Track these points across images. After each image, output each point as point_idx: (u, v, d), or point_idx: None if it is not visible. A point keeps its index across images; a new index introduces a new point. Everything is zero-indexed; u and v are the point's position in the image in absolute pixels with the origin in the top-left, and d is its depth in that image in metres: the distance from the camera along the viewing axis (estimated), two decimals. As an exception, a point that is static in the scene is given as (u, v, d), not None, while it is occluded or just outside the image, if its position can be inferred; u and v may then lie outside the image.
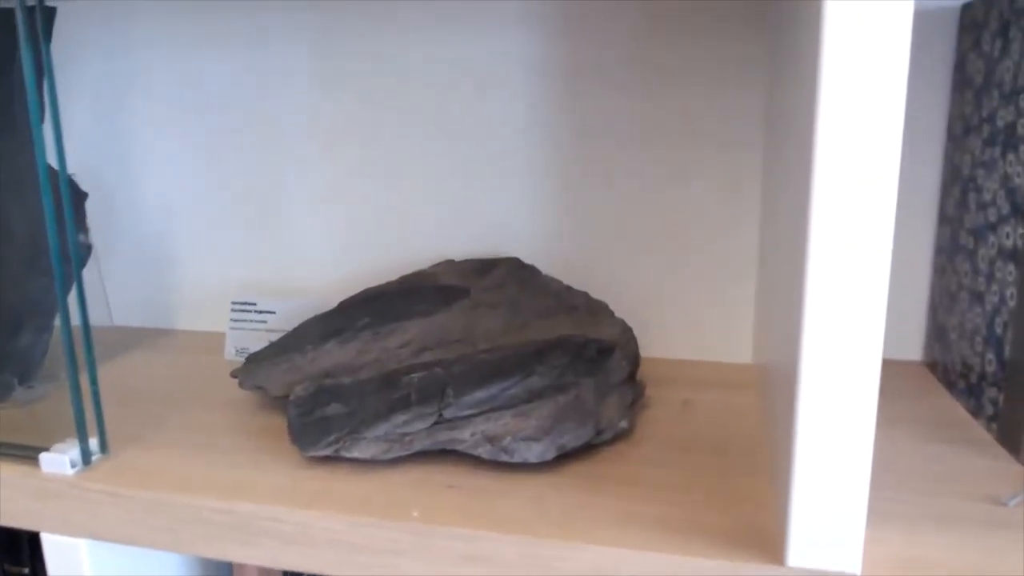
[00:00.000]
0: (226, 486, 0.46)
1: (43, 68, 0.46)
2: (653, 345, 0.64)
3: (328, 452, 0.46)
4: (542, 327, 0.53)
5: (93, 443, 0.49)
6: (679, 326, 0.63)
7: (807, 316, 0.33)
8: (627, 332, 0.53)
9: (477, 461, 0.47)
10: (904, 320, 0.61)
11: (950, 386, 0.55)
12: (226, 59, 0.67)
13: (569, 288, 0.58)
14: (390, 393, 0.48)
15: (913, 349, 0.61)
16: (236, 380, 0.61)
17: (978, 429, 0.50)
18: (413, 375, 0.49)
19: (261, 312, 0.65)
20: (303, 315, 0.65)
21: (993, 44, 0.49)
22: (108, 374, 0.65)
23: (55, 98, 0.46)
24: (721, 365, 0.62)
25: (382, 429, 0.46)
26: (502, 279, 0.59)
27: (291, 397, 0.50)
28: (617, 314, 0.63)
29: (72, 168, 0.72)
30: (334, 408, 0.48)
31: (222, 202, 0.71)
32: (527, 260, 0.65)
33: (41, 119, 0.45)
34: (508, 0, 0.60)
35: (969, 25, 0.53)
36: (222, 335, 0.73)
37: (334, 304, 0.61)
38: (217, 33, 0.67)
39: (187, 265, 0.74)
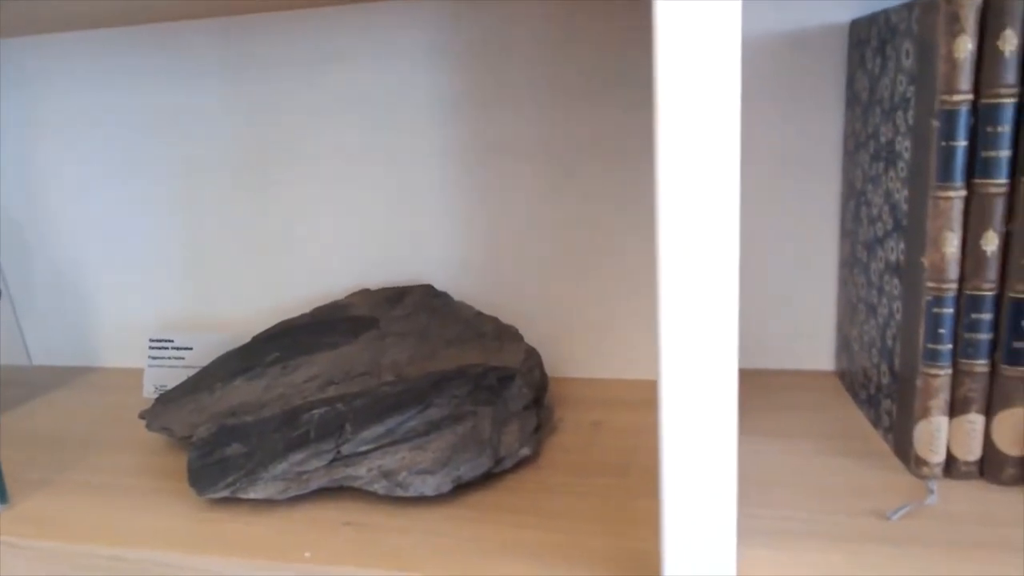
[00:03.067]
0: (125, 532, 0.45)
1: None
2: (566, 365, 0.64)
3: (225, 493, 0.45)
4: (448, 356, 0.53)
5: (-9, 494, 0.49)
6: (589, 345, 0.64)
7: (663, 328, 0.33)
8: (531, 357, 0.54)
9: (376, 497, 0.47)
10: (815, 331, 0.62)
11: (855, 396, 0.56)
12: (138, 93, 0.67)
13: (479, 314, 0.59)
14: (290, 431, 0.48)
15: (824, 360, 0.62)
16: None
17: (878, 440, 0.51)
18: (314, 411, 0.49)
19: (179, 348, 0.65)
20: (221, 350, 0.64)
21: (874, 61, 0.50)
22: (22, 416, 0.64)
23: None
24: (637, 383, 0.63)
25: (280, 468, 0.46)
26: (413, 307, 0.59)
27: (193, 438, 0.49)
28: (530, 336, 0.64)
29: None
30: (234, 448, 0.48)
31: (139, 237, 0.70)
32: (443, 285, 0.65)
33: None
34: (416, 31, 0.61)
35: (856, 42, 0.54)
36: (143, 372, 0.72)
37: (250, 338, 0.61)
38: (128, 66, 0.67)
39: (106, 302, 0.73)
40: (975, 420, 0.44)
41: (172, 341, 0.65)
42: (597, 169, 0.60)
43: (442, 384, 0.49)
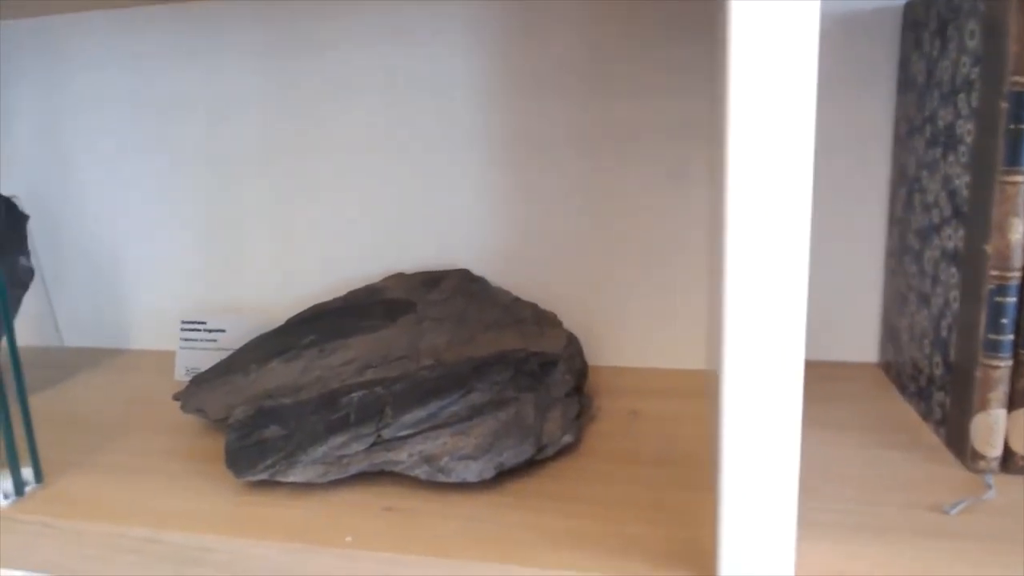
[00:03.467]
0: (160, 514, 0.45)
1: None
2: (605, 354, 0.63)
3: (264, 476, 0.45)
4: (487, 341, 0.52)
5: (27, 473, 0.48)
6: (631, 333, 0.62)
7: (727, 319, 0.32)
8: (572, 344, 0.53)
9: (417, 482, 0.46)
10: (858, 322, 0.60)
11: (902, 389, 0.55)
12: (170, 78, 0.66)
13: (517, 300, 0.58)
14: (329, 414, 0.47)
15: (868, 351, 0.61)
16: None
17: (928, 433, 0.49)
18: (353, 394, 0.48)
19: (211, 331, 0.65)
20: (253, 333, 0.64)
21: (932, 44, 0.48)
22: (54, 397, 0.64)
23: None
24: (674, 372, 0.62)
25: (319, 451, 0.45)
26: (450, 292, 0.58)
27: (230, 420, 0.49)
28: (568, 324, 0.63)
29: (16, 190, 0.71)
30: (272, 431, 0.47)
31: (171, 220, 0.70)
32: (478, 271, 0.64)
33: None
34: (451, 12, 0.59)
35: (911, 24, 0.52)
36: (175, 354, 0.72)
37: (284, 321, 0.61)
38: (160, 51, 0.66)
39: (138, 284, 0.72)
40: (1036, 413, 0.43)
41: (204, 323, 0.65)
42: (637, 155, 0.59)
43: (483, 369, 0.48)
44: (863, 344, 0.61)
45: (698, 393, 0.57)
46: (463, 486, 0.45)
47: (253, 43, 0.64)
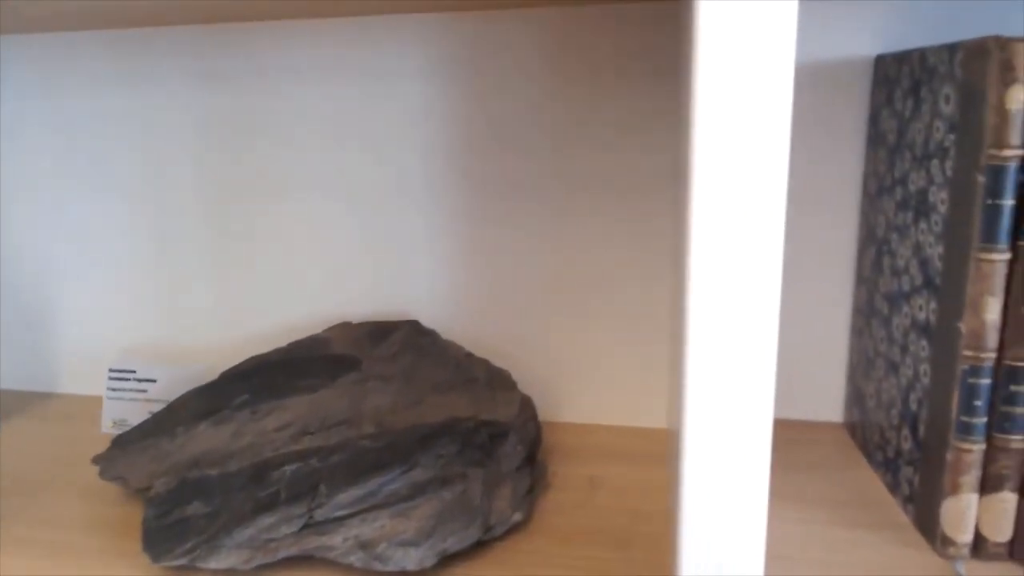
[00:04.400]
0: (68, 603, 0.40)
1: None
2: (563, 410, 0.60)
3: (183, 562, 0.41)
4: (435, 405, 0.49)
5: (-81, 552, 0.44)
6: (590, 389, 0.59)
7: (689, 382, 0.29)
8: (526, 410, 0.50)
9: (352, 568, 0.42)
10: (823, 380, 0.58)
11: (868, 455, 0.52)
12: (102, 110, 0.62)
13: (469, 355, 0.54)
14: (258, 490, 0.43)
15: (832, 410, 0.58)
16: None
17: (895, 509, 0.47)
18: (285, 467, 0.44)
19: (141, 380, 0.60)
20: (186, 384, 0.60)
21: (904, 103, 0.46)
22: (-33, 452, 0.59)
23: None
24: (636, 430, 0.59)
25: (245, 534, 0.41)
26: (399, 346, 0.55)
27: (150, 494, 0.45)
28: (523, 378, 0.59)
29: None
30: (195, 507, 0.43)
31: (102, 259, 0.65)
32: (429, 320, 0.60)
33: None
34: (407, 52, 0.56)
35: (882, 79, 0.50)
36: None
37: (218, 374, 0.56)
38: (95, 73, 0.62)
39: (67, 326, 0.68)
40: (1008, 499, 0.41)
41: (134, 372, 0.60)
42: (595, 205, 0.56)
43: (429, 440, 0.45)
44: (827, 403, 0.58)
45: (661, 457, 0.54)
46: (402, 574, 0.41)
47: (191, 74, 0.60)
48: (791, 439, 0.56)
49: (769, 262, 0.27)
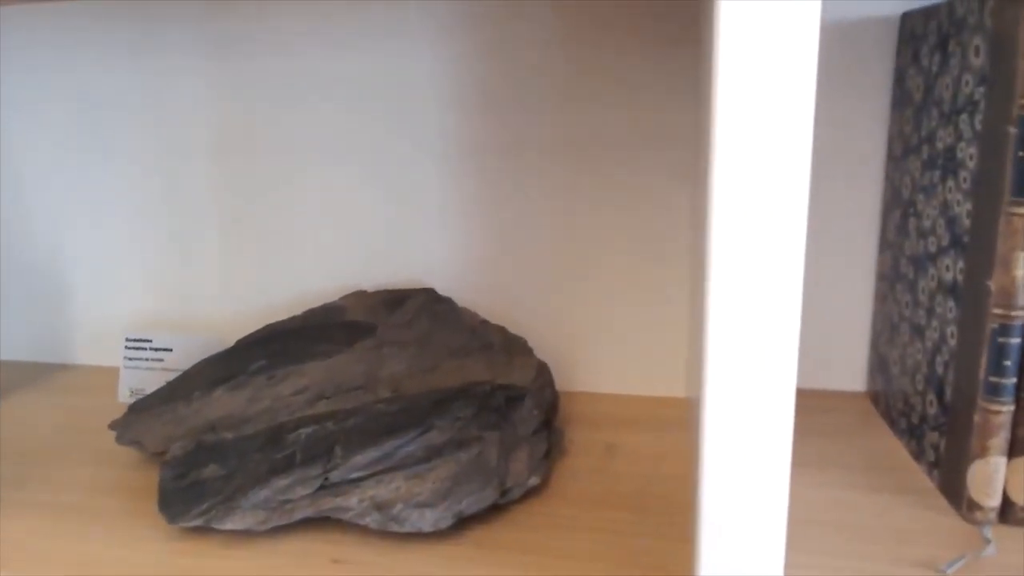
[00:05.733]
0: (84, 563, 0.40)
1: None
2: (580, 379, 0.59)
3: (199, 523, 0.41)
4: (451, 370, 0.48)
5: (-61, 513, 0.44)
6: (608, 358, 0.59)
7: (710, 346, 0.28)
8: (543, 375, 0.49)
9: (368, 530, 0.42)
10: (846, 349, 0.57)
11: (892, 423, 0.51)
12: (114, 80, 0.62)
13: (485, 322, 0.54)
14: (274, 452, 0.43)
15: (854, 379, 0.57)
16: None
17: (920, 475, 0.46)
18: (301, 430, 0.44)
19: (157, 349, 0.60)
20: (202, 353, 0.60)
21: (931, 58, 0.45)
22: (-14, 420, 0.59)
23: None
24: (655, 399, 0.58)
25: (261, 495, 0.41)
26: (414, 313, 0.54)
27: (166, 457, 0.45)
28: (539, 347, 0.59)
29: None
30: (211, 470, 0.43)
31: (117, 230, 0.65)
32: (443, 288, 0.60)
33: None
34: (419, 14, 0.55)
35: (908, 36, 0.49)
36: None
37: (235, 340, 0.56)
38: (104, 42, 0.61)
39: (83, 297, 0.68)
40: (1038, 462, 0.40)
41: (150, 341, 0.60)
42: (616, 166, 0.55)
43: (445, 404, 0.45)
44: (850, 372, 0.57)
45: (680, 424, 0.54)
46: (418, 536, 0.41)
47: (203, 41, 0.59)
48: (813, 408, 0.55)
49: (793, 229, 0.26)
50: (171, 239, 0.64)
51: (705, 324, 0.28)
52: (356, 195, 0.60)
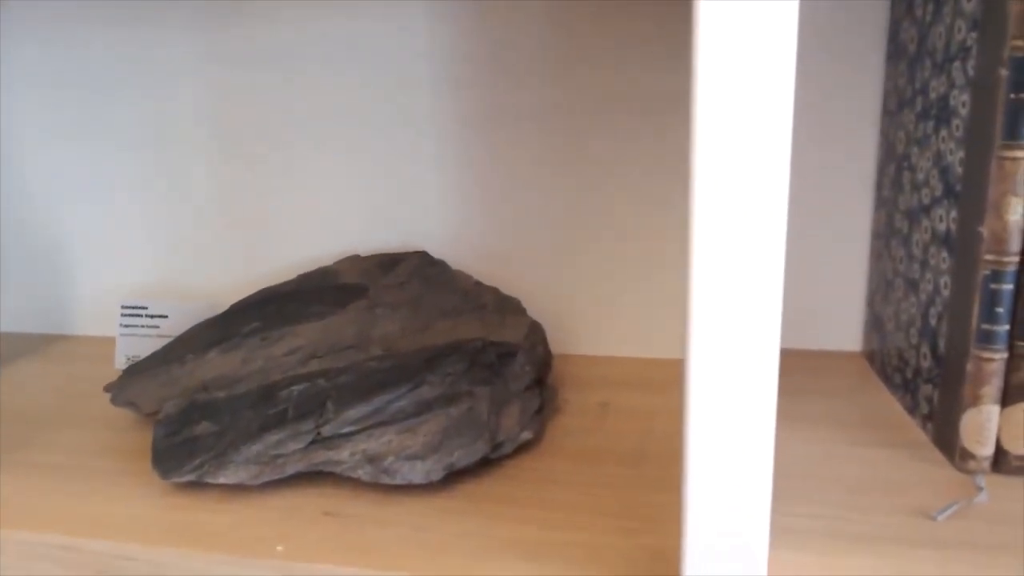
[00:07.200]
0: (80, 519, 0.41)
1: None
2: (575, 342, 0.59)
3: (191, 477, 0.41)
4: (443, 329, 0.48)
5: (-64, 473, 0.44)
6: (602, 320, 0.59)
7: (694, 299, 0.28)
8: (535, 333, 0.49)
9: (359, 483, 0.42)
10: (841, 309, 0.57)
11: (887, 380, 0.51)
12: (105, 50, 0.61)
13: (479, 284, 0.54)
14: (266, 408, 0.43)
15: (851, 340, 0.57)
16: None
17: (914, 429, 0.46)
18: (293, 388, 0.44)
19: (153, 316, 0.60)
20: (198, 319, 0.60)
21: (925, 7, 0.45)
22: (-17, 388, 0.59)
23: None
24: (650, 361, 0.58)
25: (253, 450, 0.41)
26: (407, 275, 0.54)
27: (159, 415, 0.45)
28: (535, 310, 0.59)
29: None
30: (204, 427, 0.43)
31: (113, 200, 0.65)
32: (438, 254, 0.60)
33: None
34: (408, -31, 0.55)
35: (902, -12, 0.49)
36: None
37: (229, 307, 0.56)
38: (97, 15, 0.61)
39: (78, 267, 0.68)
40: (1031, 410, 0.40)
41: (146, 308, 0.60)
42: (609, 129, 0.55)
43: (436, 360, 0.45)
44: (846, 332, 0.57)
45: (675, 384, 0.54)
46: (410, 488, 0.41)
47: (193, 8, 0.59)
48: (806, 366, 0.55)
49: (775, 185, 0.26)
50: (169, 210, 0.64)
51: (690, 278, 0.28)
52: (350, 161, 0.60)
